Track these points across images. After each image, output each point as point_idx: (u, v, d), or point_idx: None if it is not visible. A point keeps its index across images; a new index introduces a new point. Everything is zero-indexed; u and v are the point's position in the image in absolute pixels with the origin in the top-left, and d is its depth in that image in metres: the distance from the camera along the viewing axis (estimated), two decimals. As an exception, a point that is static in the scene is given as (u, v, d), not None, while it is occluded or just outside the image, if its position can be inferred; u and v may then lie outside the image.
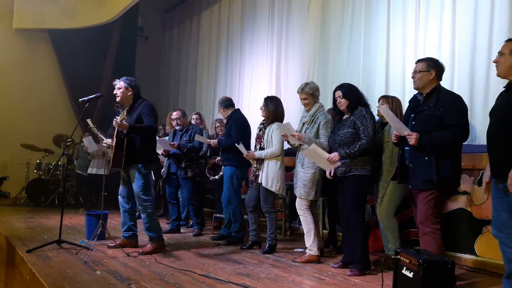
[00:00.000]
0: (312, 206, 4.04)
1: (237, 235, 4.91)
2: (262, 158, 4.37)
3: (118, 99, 4.34)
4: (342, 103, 3.70)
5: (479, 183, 3.90)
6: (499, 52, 2.66)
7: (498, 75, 2.69)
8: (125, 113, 4.16)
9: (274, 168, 4.34)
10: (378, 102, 4.02)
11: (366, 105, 3.69)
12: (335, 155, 3.57)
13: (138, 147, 4.17)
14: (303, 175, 3.98)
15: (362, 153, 3.51)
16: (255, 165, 4.42)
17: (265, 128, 4.49)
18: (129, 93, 4.32)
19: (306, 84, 4.20)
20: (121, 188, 4.49)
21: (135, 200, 4.34)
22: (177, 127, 5.67)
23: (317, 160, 3.74)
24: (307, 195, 3.94)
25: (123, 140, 4.13)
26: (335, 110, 3.88)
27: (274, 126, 4.39)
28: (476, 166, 3.84)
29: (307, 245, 3.99)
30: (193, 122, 5.93)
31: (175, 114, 5.66)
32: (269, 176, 4.32)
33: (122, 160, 4.12)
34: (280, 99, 4.64)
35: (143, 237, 4.65)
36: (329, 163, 3.59)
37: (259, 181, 4.38)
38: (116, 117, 4.18)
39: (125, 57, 10.12)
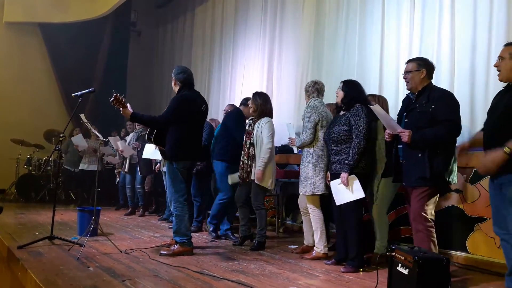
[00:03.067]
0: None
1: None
2: (263, 165, 4.29)
3: None
4: (339, 95, 3.77)
5: (472, 181, 3.94)
6: (499, 57, 2.70)
7: (501, 80, 2.73)
8: (115, 98, 3.82)
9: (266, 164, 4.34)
10: None
11: (365, 103, 3.67)
12: None
13: (167, 142, 4.01)
14: (301, 171, 4.02)
15: (360, 154, 3.50)
16: (246, 162, 4.41)
17: (254, 124, 4.48)
18: (174, 85, 4.17)
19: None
20: None
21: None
22: None
23: None
24: (305, 190, 3.97)
25: (152, 136, 4.08)
26: (336, 105, 3.89)
27: (263, 121, 4.40)
28: (469, 164, 3.87)
29: (315, 242, 4.03)
30: None
31: None
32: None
33: (165, 153, 4.08)
34: (268, 95, 4.64)
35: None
36: None
37: (252, 177, 4.37)
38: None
39: (117, 52, 10.08)
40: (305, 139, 3.94)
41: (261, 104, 4.45)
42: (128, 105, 3.97)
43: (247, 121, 4.66)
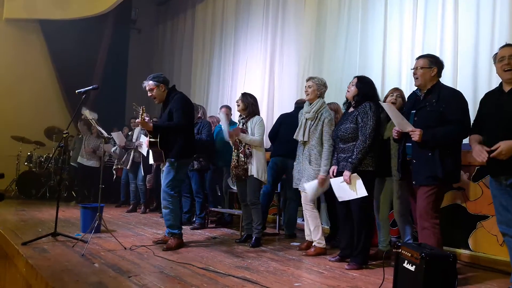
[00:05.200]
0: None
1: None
2: (243, 141, 4.39)
3: (155, 100, 4.23)
4: (351, 90, 3.70)
5: (474, 179, 3.96)
6: (510, 55, 2.70)
7: (509, 78, 2.73)
8: (142, 110, 3.95)
9: (261, 160, 4.42)
10: (387, 97, 4.00)
11: (376, 101, 3.63)
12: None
13: (172, 141, 4.05)
14: (312, 172, 4.01)
15: (364, 153, 3.50)
16: (243, 159, 4.43)
17: (246, 122, 4.52)
18: (162, 90, 4.16)
19: (317, 76, 4.32)
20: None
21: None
22: None
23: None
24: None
25: (156, 137, 4.03)
26: (347, 101, 3.88)
27: (257, 119, 4.47)
28: (472, 162, 3.88)
29: (315, 239, 4.07)
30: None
31: None
32: (259, 167, 4.38)
33: (162, 155, 4.07)
34: (256, 98, 4.69)
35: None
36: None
37: (249, 173, 4.40)
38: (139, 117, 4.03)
39: (117, 49, 10.06)
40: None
41: (252, 104, 4.53)
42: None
43: (238, 119, 4.69)
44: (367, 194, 3.48)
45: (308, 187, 3.97)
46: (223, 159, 5.69)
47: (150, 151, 4.34)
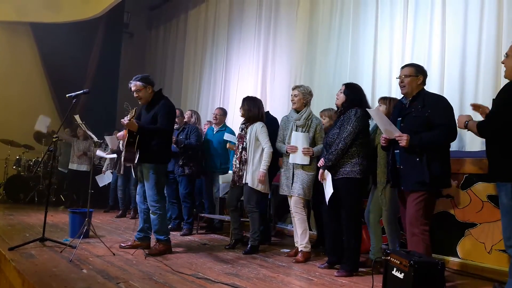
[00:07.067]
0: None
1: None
2: (267, 164, 4.33)
3: (140, 101, 4.21)
4: (340, 97, 3.77)
5: (463, 187, 4.00)
6: (506, 53, 2.75)
7: (506, 77, 2.78)
8: (134, 112, 3.92)
9: (259, 168, 4.34)
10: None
11: (364, 107, 3.67)
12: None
13: (152, 146, 4.02)
14: (305, 177, 4.07)
15: (337, 155, 3.56)
16: (238, 166, 4.42)
17: (246, 128, 4.50)
18: (149, 91, 4.17)
19: (302, 85, 4.35)
20: (138, 187, 4.33)
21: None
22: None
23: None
24: (309, 195, 4.09)
25: (135, 138, 3.97)
26: (337, 108, 3.93)
27: (257, 126, 4.41)
28: (461, 170, 3.93)
29: (301, 243, 4.08)
30: (185, 119, 5.88)
31: None
32: (255, 176, 4.33)
33: (134, 157, 3.99)
34: (259, 100, 4.64)
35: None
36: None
37: (244, 181, 4.38)
38: (126, 117, 3.98)
39: (109, 53, 9.99)
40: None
41: (249, 110, 4.47)
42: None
43: (239, 125, 4.68)
44: (327, 198, 3.59)
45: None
46: (213, 165, 5.69)
47: (124, 151, 4.24)
